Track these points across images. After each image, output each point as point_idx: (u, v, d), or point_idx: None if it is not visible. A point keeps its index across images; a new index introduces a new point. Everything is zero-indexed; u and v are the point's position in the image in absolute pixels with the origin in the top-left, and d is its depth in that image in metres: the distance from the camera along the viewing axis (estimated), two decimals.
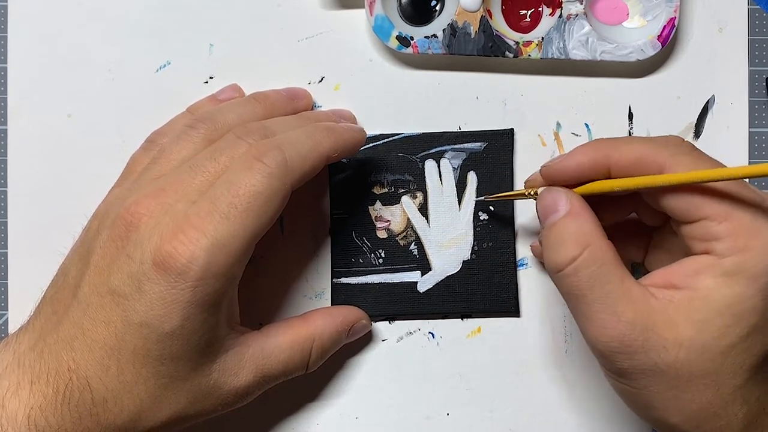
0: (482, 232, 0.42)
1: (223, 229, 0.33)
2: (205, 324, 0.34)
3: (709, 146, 0.42)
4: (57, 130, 0.43)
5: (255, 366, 0.37)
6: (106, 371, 0.33)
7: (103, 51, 0.43)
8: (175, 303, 0.33)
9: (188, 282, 0.32)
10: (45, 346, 0.34)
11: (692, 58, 0.43)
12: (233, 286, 0.35)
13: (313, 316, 0.40)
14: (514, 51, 0.42)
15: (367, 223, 0.43)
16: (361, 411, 0.43)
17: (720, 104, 0.43)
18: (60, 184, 0.43)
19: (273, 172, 0.34)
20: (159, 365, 0.34)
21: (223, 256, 0.33)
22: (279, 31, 0.43)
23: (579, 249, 0.33)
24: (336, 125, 0.38)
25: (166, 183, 0.35)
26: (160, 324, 0.33)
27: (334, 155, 0.37)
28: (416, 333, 0.43)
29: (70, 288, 0.35)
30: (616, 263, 0.33)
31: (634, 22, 0.42)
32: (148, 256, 0.33)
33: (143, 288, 0.33)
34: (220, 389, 0.36)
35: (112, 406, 0.34)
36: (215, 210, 0.33)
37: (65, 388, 0.33)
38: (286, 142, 0.35)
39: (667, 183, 0.32)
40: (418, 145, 0.42)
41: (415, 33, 0.42)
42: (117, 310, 0.33)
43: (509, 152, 0.42)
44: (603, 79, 0.43)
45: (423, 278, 0.43)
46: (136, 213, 0.34)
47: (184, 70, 0.43)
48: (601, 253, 0.33)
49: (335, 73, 0.43)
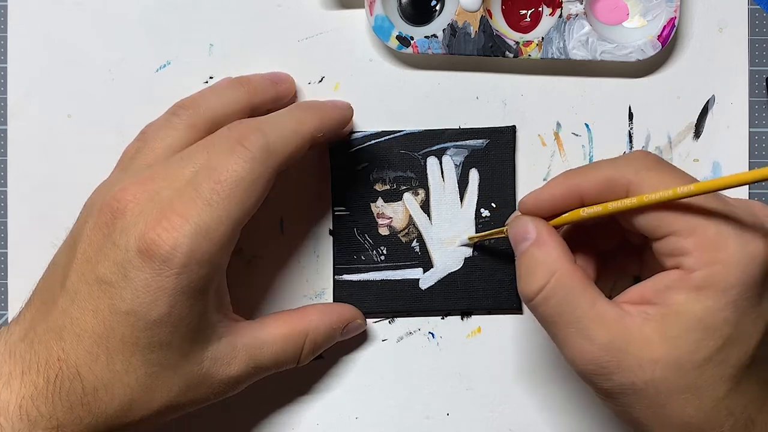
0: (484, 229, 0.42)
1: (206, 215, 0.33)
2: (192, 310, 0.34)
3: (709, 146, 0.43)
4: (57, 130, 0.43)
5: (247, 356, 0.37)
6: (95, 360, 0.33)
7: (103, 51, 0.43)
8: (160, 290, 0.33)
9: (173, 269, 0.32)
10: (35, 336, 0.34)
11: (692, 58, 0.43)
12: (219, 272, 0.35)
13: (309, 310, 0.40)
14: (514, 51, 0.42)
15: (368, 220, 0.43)
16: (361, 411, 0.43)
17: (720, 104, 0.43)
18: (60, 184, 0.43)
19: (255, 156, 0.34)
20: (148, 353, 0.34)
21: (206, 242, 0.33)
22: (279, 30, 0.43)
23: (546, 277, 0.33)
24: (320, 103, 0.37)
25: (155, 172, 0.35)
26: (147, 311, 0.33)
27: (319, 135, 0.36)
28: (416, 333, 0.43)
29: (58, 278, 0.35)
30: (586, 287, 0.33)
31: (634, 22, 0.42)
32: (132, 243, 0.33)
33: (129, 275, 0.33)
34: (212, 378, 0.36)
35: (102, 395, 0.34)
36: (198, 196, 0.33)
37: (56, 378, 0.33)
38: (268, 123, 0.35)
39: (630, 207, 0.32)
40: (420, 142, 0.42)
41: (415, 33, 0.42)
42: (104, 298, 0.33)
43: (511, 149, 0.42)
44: (603, 79, 0.43)
45: (425, 275, 0.43)
46: (122, 200, 0.34)
47: (184, 70, 0.43)
48: (568, 279, 0.33)
49: (335, 72, 0.43)
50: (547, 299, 0.33)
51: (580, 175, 0.34)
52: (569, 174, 0.35)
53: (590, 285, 0.33)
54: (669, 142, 0.43)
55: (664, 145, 0.43)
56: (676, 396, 0.32)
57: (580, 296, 0.33)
